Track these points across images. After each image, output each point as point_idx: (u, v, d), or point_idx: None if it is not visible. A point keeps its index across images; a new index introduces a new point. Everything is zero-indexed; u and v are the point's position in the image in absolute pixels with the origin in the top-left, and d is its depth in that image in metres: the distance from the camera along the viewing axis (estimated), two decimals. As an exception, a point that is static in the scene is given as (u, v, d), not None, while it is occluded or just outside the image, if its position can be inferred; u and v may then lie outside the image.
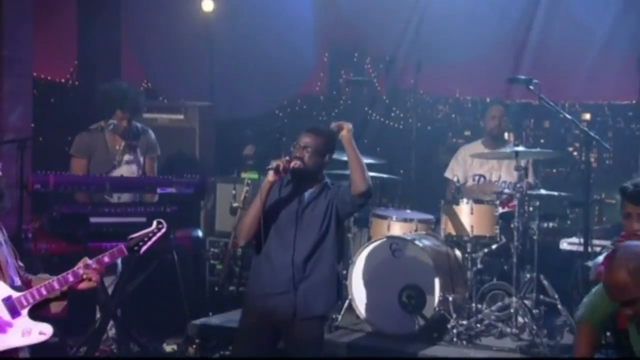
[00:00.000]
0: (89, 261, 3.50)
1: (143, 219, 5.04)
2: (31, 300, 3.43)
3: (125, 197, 5.60)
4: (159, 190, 5.23)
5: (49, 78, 7.58)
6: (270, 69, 7.70)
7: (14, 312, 3.39)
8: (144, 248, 3.67)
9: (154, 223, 3.71)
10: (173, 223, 5.05)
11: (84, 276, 3.48)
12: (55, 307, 3.50)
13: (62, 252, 5.06)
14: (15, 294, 3.41)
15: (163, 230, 3.72)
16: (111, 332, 5.47)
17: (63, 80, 7.73)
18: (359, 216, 6.07)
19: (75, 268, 3.49)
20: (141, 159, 5.67)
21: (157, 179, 5.39)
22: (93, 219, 5.11)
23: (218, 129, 7.05)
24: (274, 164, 4.06)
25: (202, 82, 7.64)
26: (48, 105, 7.24)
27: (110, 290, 5.37)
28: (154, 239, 3.69)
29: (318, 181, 4.23)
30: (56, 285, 3.45)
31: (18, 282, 3.48)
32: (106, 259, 3.55)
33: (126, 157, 5.64)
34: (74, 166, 5.58)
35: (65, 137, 6.57)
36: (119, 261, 5.53)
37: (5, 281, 3.42)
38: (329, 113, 8.29)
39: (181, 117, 6.55)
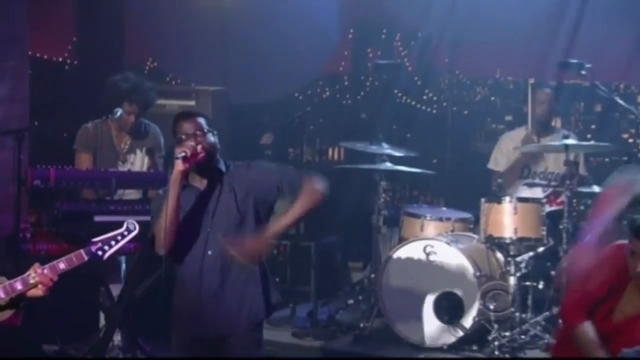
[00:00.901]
0: (40, 268, 3.48)
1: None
2: None
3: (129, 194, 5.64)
4: (168, 186, 5.24)
5: (45, 57, 7.57)
6: (289, 48, 7.66)
7: None
8: (110, 252, 3.62)
9: (125, 224, 3.67)
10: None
11: (36, 283, 3.45)
12: (3, 315, 3.50)
13: (64, 253, 5.00)
14: None
15: (134, 233, 3.66)
16: (116, 339, 5.53)
17: (60, 59, 7.74)
18: (389, 215, 6.08)
19: (25, 275, 3.48)
20: (146, 160, 5.70)
21: (166, 173, 5.41)
22: (97, 218, 5.11)
23: (233, 115, 7.05)
24: (179, 150, 3.85)
25: (215, 63, 7.63)
26: (43, 86, 7.26)
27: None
28: (122, 242, 3.64)
29: (213, 167, 4.00)
30: (1, 294, 3.45)
31: None
32: (62, 266, 3.51)
33: (131, 157, 5.68)
34: (79, 161, 5.60)
35: (62, 121, 6.60)
36: (122, 264, 5.59)
37: None
38: (353, 96, 8.27)
39: (192, 103, 6.58)
